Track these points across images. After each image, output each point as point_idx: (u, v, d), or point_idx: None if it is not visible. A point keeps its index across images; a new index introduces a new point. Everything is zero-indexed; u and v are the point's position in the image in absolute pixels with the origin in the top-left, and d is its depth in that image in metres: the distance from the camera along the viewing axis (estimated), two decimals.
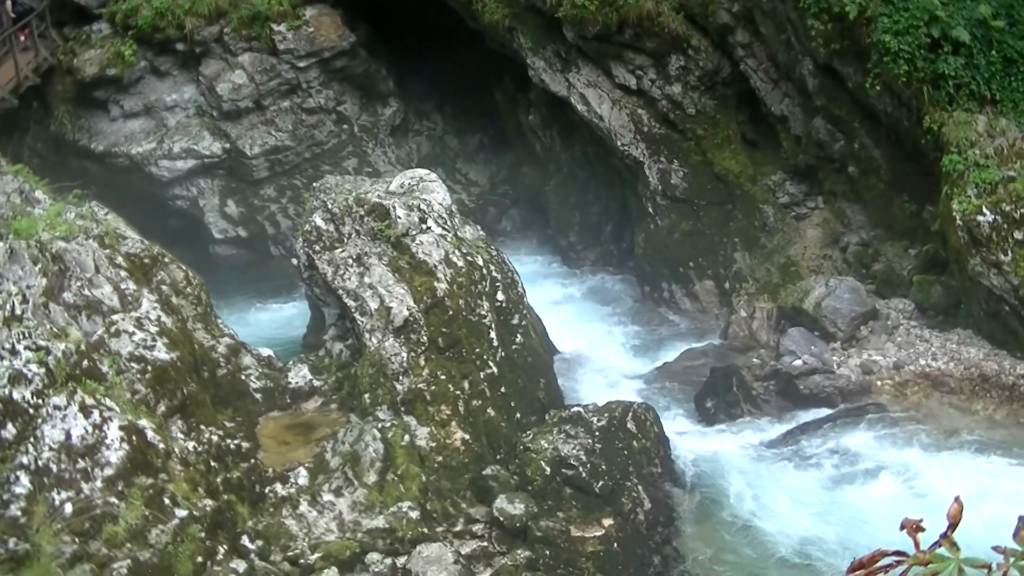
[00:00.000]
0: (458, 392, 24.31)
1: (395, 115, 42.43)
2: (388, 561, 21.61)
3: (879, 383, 28.44)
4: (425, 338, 24.42)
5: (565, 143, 38.79)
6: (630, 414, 25.48)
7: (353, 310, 24.72)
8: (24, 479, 18.85)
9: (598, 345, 32.44)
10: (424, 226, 25.97)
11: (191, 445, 21.69)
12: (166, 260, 25.64)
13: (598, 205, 38.78)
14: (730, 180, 34.09)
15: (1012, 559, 4.01)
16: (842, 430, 26.91)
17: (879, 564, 4.05)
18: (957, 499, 4.13)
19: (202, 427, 22.34)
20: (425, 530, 22.18)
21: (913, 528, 4.13)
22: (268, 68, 39.58)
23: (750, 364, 29.66)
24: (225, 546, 20.48)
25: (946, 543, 4.04)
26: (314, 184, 28.95)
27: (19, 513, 18.67)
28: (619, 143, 34.73)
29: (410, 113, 43.45)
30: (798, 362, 28.76)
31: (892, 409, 27.58)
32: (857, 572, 4.09)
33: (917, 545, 4.09)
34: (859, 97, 30.51)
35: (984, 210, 27.39)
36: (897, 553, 4.05)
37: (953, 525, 4.10)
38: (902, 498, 24.35)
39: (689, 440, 27.35)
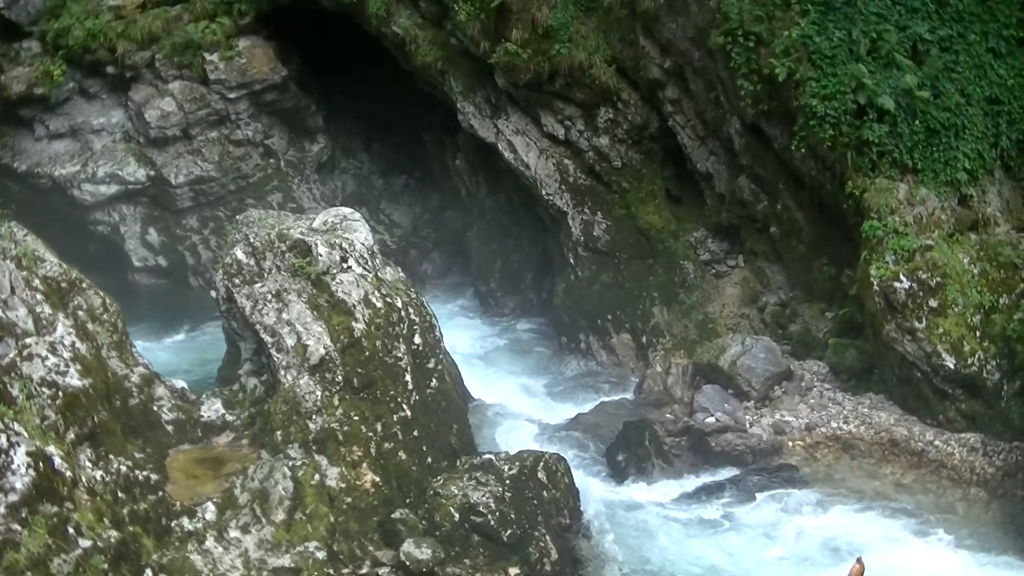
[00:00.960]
0: (371, 433, 24.29)
1: (322, 152, 42.40)
2: None
3: (791, 444, 28.66)
4: (340, 377, 24.38)
5: (490, 189, 38.87)
6: (541, 464, 25.54)
7: (270, 346, 24.64)
8: None
9: (512, 394, 32.43)
10: (345, 265, 25.93)
11: (99, 475, 21.46)
12: (84, 285, 25.39)
13: (520, 253, 38.85)
14: (652, 235, 34.27)
15: None
16: (752, 489, 27.09)
17: None
18: (859, 560, 4.26)
19: (111, 457, 22.10)
20: (331, 571, 22.12)
21: None
22: (198, 97, 39.47)
23: (663, 419, 29.74)
24: None
25: None
26: (237, 217, 28.81)
27: None
28: (544, 192, 34.86)
29: (337, 151, 43.39)
30: (711, 419, 28.88)
31: (802, 470, 27.81)
32: None
33: None
34: (784, 159, 30.85)
35: (901, 277, 27.80)
36: None
37: None
38: (809, 559, 24.57)
39: (599, 493, 27.39)
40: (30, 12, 39.62)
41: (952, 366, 27.49)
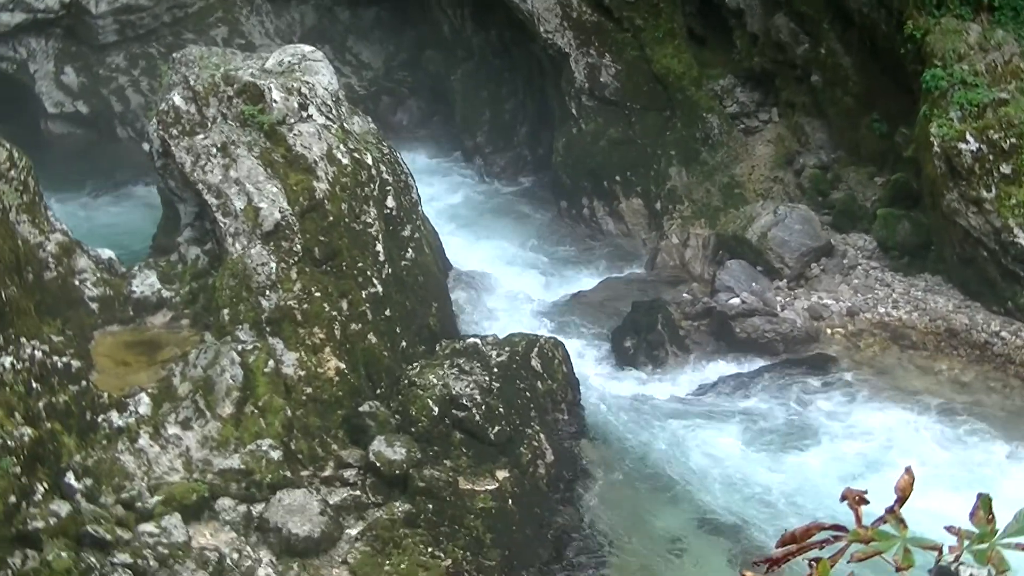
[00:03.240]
0: (335, 313, 24.36)
1: None
2: (242, 508, 21.75)
3: (829, 331, 28.87)
4: (299, 247, 24.39)
5: (478, 25, 38.68)
6: (535, 350, 25.74)
7: (214, 209, 24.62)
8: None
9: (503, 267, 32.54)
10: (304, 114, 25.86)
11: (8, 361, 21.48)
12: None
13: (513, 101, 38.77)
14: (671, 82, 34.17)
15: (967, 542, 4.16)
16: (782, 383, 27.34)
17: (813, 539, 4.18)
18: (908, 470, 4.30)
19: (23, 340, 22.12)
20: (288, 474, 22.31)
21: (855, 500, 4.27)
22: None
23: (679, 299, 29.92)
24: (45, 484, 20.34)
25: (892, 519, 4.18)
26: (174, 55, 28.65)
27: None
28: (542, 29, 34.66)
29: None
30: (736, 300, 29.03)
31: (843, 362, 28.04)
32: (788, 547, 4.21)
33: (859, 519, 4.23)
34: None
35: (968, 137, 27.78)
36: (835, 527, 4.19)
37: (902, 499, 4.23)
38: (846, 466, 24.82)
39: (603, 384, 27.68)
40: None
41: None
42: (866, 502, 4.29)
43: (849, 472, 24.30)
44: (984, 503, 4.22)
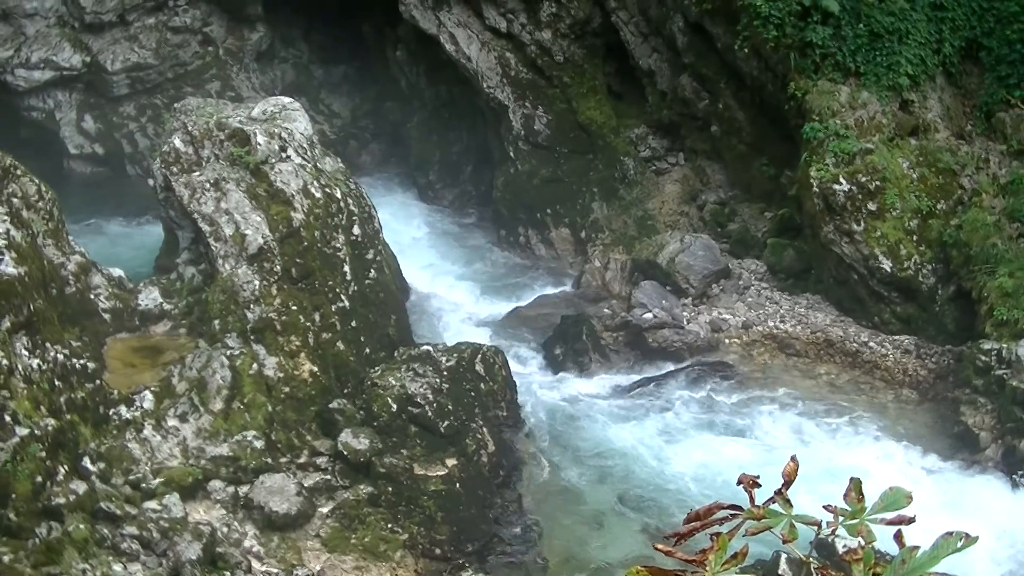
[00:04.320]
0: (308, 324, 24.35)
1: (262, 40, 41.98)
2: (230, 489, 21.74)
3: (727, 341, 28.99)
4: (279, 267, 24.37)
5: (431, 80, 38.70)
6: (479, 356, 25.73)
7: (208, 235, 24.56)
8: None
9: (451, 286, 32.55)
10: (284, 155, 25.83)
11: (35, 363, 21.40)
12: (18, 172, 25.17)
13: (459, 145, 38.81)
14: (593, 130, 34.29)
15: (841, 518, 4.21)
16: (688, 385, 27.43)
17: (714, 516, 4.22)
18: (793, 458, 4.34)
19: (48, 345, 22.06)
20: (269, 460, 22.29)
21: (749, 483, 4.31)
22: None
23: (601, 314, 29.96)
24: (66, 467, 20.31)
25: (780, 499, 4.23)
26: (175, 105, 28.60)
27: None
28: (485, 85, 34.74)
29: (277, 39, 43.00)
30: (649, 315, 29.12)
31: (738, 368, 28.16)
32: (693, 523, 4.25)
33: (752, 500, 4.27)
34: (727, 58, 30.91)
35: (841, 179, 28.01)
36: (732, 507, 4.23)
37: (788, 483, 4.28)
38: (742, 454, 24.94)
39: (536, 386, 27.68)
40: None
41: (888, 269, 27.84)
42: (758, 485, 4.33)
43: (745, 460, 24.38)
44: (855, 485, 4.26)
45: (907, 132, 29.08)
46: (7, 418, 19.74)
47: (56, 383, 21.47)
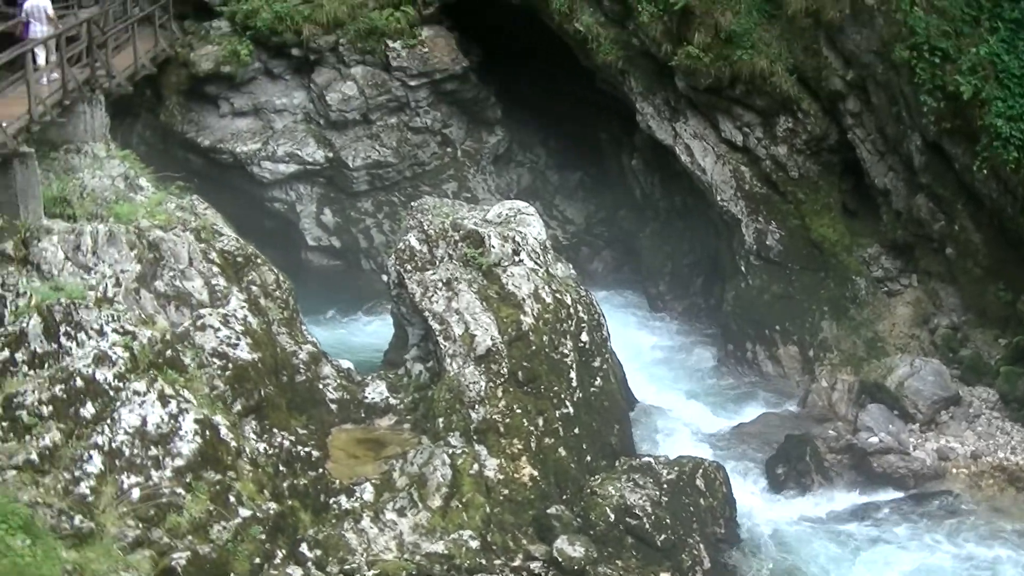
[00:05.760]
0: (532, 427, 24.22)
1: (499, 144, 42.45)
2: None
3: (954, 470, 28.01)
4: (505, 369, 24.37)
5: (665, 190, 38.60)
6: (700, 471, 25.31)
7: (437, 333, 24.71)
8: (97, 459, 19.01)
9: (676, 397, 32.12)
10: (517, 258, 25.94)
11: (262, 447, 21.76)
12: (259, 261, 25.83)
13: (691, 257, 38.51)
14: (825, 247, 33.67)
15: None
16: (912, 514, 26.54)
17: None
18: None
19: (275, 430, 22.41)
20: (483, 561, 22.12)
21: None
22: (379, 83, 39.73)
23: (825, 435, 29.18)
24: (284, 551, 20.52)
25: None
26: (412, 203, 29.04)
27: (88, 492, 18.84)
28: (719, 198, 34.49)
29: (514, 143, 43.43)
30: (874, 439, 28.32)
31: (965, 499, 27.14)
32: None
33: None
34: (965, 179, 30.13)
35: None
36: None
37: None
38: None
39: (756, 504, 27.04)
40: None
41: None
42: None
43: None
44: None
45: None
46: (232, 499, 20.05)
47: (280, 468, 21.78)
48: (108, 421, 19.52)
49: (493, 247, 25.81)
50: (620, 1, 35.19)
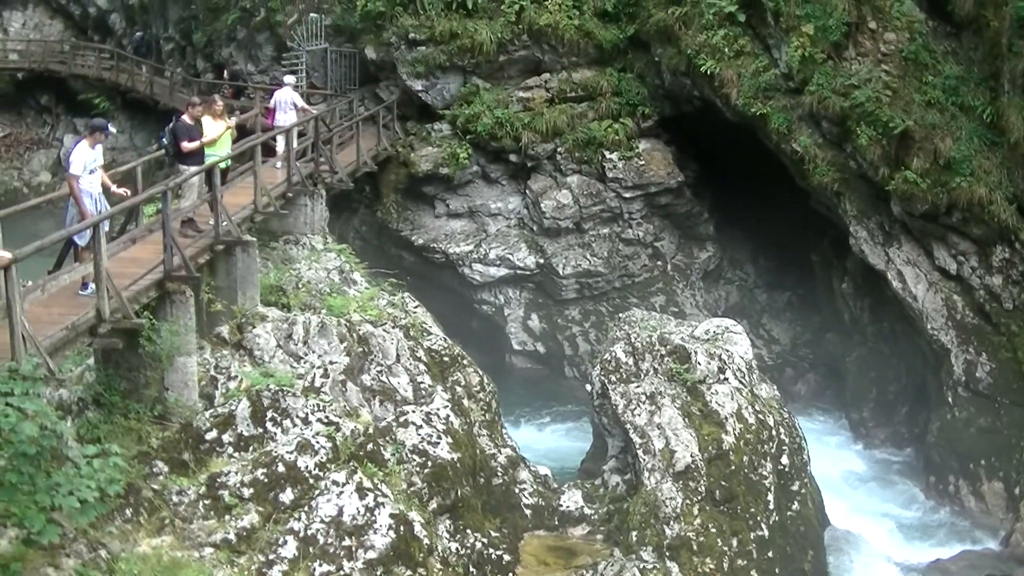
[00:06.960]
0: (725, 548, 23.77)
1: (710, 260, 42.30)
2: None
3: None
4: (703, 488, 24.03)
5: (874, 316, 37.89)
6: None
7: (638, 446, 24.50)
8: (292, 544, 19.14)
9: (873, 526, 31.19)
10: (722, 376, 25.69)
11: (454, 546, 21.71)
12: (464, 362, 26.01)
13: (896, 384, 37.63)
14: None
15: None
16: None
17: None
18: None
19: (468, 531, 22.35)
20: None
21: None
22: (594, 193, 39.94)
23: None
24: None
25: None
26: (620, 315, 29.03)
27: None
28: (929, 326, 33.70)
29: (724, 260, 43.24)
30: None
31: None
32: None
33: None
34: None
35: None
36: None
37: None
38: None
39: None
40: (445, 97, 41.14)
41: None
42: None
43: None
44: None
45: None
46: None
47: (471, 569, 21.71)
48: (306, 508, 19.69)
49: (699, 364, 25.61)
50: (838, 123, 34.82)
